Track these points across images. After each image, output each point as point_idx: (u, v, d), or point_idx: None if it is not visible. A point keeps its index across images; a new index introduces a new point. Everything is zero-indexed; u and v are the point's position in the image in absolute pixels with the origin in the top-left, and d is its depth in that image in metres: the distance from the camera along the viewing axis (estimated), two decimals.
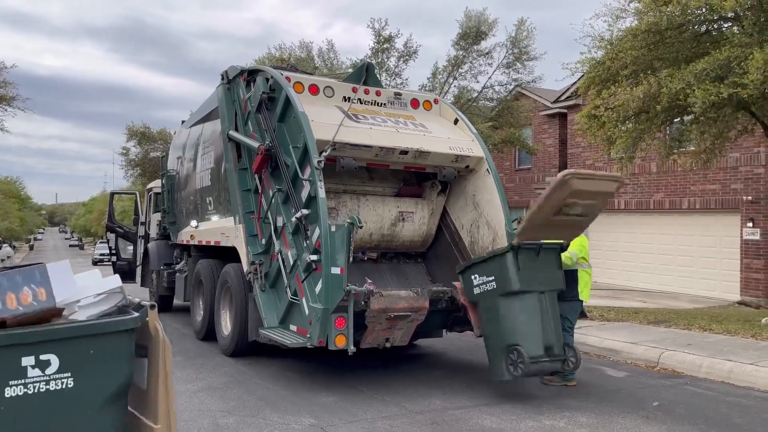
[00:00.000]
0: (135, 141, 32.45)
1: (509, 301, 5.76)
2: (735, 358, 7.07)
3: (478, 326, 6.24)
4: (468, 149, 7.34)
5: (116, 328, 3.05)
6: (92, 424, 3.00)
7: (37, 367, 2.83)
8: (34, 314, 2.87)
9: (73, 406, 2.93)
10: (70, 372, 2.90)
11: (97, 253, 41.10)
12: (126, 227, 14.60)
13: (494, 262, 5.91)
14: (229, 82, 8.09)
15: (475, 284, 6.06)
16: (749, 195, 14.66)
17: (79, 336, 2.94)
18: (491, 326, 5.94)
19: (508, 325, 5.77)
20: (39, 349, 2.83)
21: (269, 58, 20.26)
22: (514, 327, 5.74)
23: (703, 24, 9.60)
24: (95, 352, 2.98)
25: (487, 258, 6.02)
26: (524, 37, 17.96)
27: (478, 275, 6.02)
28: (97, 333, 2.99)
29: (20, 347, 2.80)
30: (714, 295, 15.20)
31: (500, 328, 5.82)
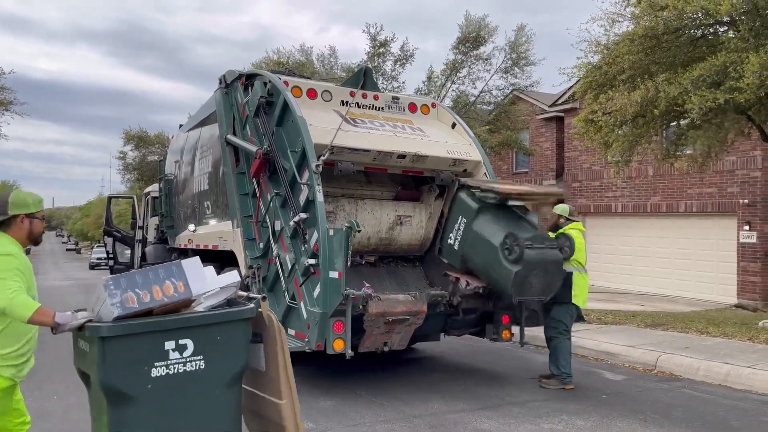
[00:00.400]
0: (132, 145, 32.44)
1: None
2: (732, 361, 7.09)
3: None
4: (465, 153, 7.35)
5: (239, 317, 3.49)
6: (219, 402, 3.40)
7: (176, 350, 3.24)
8: (173, 304, 3.30)
9: (204, 386, 3.33)
10: (202, 355, 3.32)
11: (94, 257, 40.93)
12: (123, 231, 14.58)
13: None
14: (227, 87, 8.11)
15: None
16: (746, 198, 14.70)
17: (210, 323, 3.37)
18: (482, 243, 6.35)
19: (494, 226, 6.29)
20: (178, 334, 3.25)
21: (267, 62, 20.29)
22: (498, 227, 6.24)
23: (699, 28, 9.64)
24: (221, 338, 3.40)
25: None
26: (523, 42, 18.01)
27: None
28: (223, 321, 3.42)
29: (164, 333, 3.22)
30: (711, 298, 15.23)
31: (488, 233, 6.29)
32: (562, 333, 6.58)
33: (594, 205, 18.93)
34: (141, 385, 3.16)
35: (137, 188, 33.19)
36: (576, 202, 19.49)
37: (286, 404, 3.62)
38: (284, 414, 3.62)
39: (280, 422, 3.64)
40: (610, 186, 18.23)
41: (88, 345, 3.21)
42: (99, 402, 3.25)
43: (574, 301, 6.60)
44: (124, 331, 3.13)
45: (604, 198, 18.58)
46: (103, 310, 3.20)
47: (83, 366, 3.36)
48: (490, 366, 7.75)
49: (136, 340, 3.15)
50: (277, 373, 3.62)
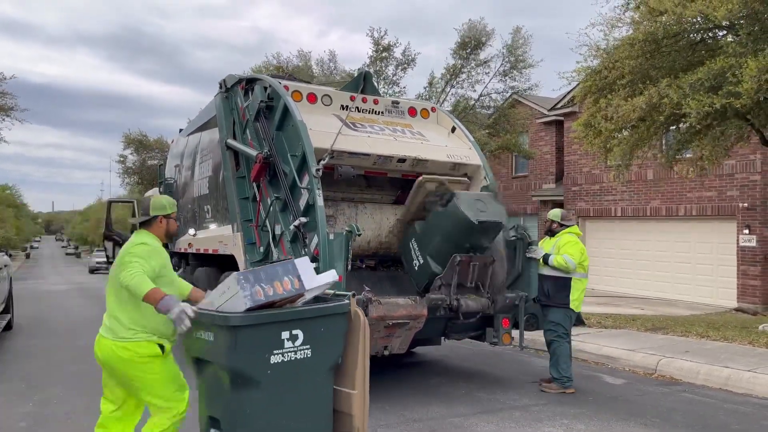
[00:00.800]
0: (132, 149, 32.45)
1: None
2: (733, 365, 7.09)
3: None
4: (465, 157, 7.36)
5: (339, 311, 3.88)
6: (320, 388, 3.80)
7: (290, 339, 3.59)
8: (290, 298, 3.67)
9: (310, 372, 3.70)
10: (309, 345, 3.67)
11: (94, 261, 40.92)
12: (124, 235, 14.56)
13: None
14: (227, 91, 8.12)
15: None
16: (745, 202, 14.73)
17: (317, 316, 3.75)
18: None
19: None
20: (292, 325, 3.61)
21: (267, 66, 20.33)
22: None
23: (697, 33, 9.67)
24: (324, 330, 3.76)
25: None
26: (520, 45, 18.06)
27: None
28: (327, 314, 3.81)
29: (282, 324, 3.59)
30: (711, 301, 15.24)
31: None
32: (562, 336, 6.58)
33: (594, 209, 18.95)
34: (263, 370, 3.51)
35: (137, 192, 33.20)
36: (576, 205, 19.51)
37: (358, 395, 3.91)
38: (354, 404, 3.90)
39: (349, 412, 3.91)
40: (610, 190, 18.25)
41: (212, 334, 3.52)
42: (218, 387, 3.59)
43: (571, 305, 6.61)
44: (254, 321, 3.49)
45: (604, 202, 18.60)
46: (231, 301, 3.54)
47: (203, 354, 3.65)
48: (491, 370, 7.74)
49: (261, 330, 3.52)
50: (354, 365, 3.92)
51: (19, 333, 10.86)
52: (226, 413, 3.58)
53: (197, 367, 3.78)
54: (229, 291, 3.58)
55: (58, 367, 7.87)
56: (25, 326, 11.78)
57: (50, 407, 6.01)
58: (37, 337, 10.47)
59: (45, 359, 8.44)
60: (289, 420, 3.65)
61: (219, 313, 3.53)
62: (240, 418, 3.53)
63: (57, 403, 6.16)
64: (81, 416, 5.70)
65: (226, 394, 3.55)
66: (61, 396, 6.41)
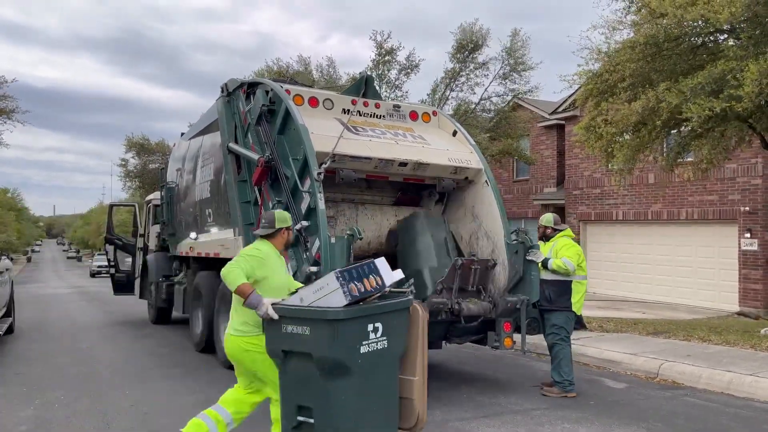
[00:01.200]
0: (134, 152, 32.50)
1: None
2: (734, 369, 7.07)
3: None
4: (467, 161, 7.37)
5: (405, 306, 4.32)
6: (392, 375, 4.19)
7: (373, 332, 3.97)
8: (375, 294, 4.10)
9: (386, 361, 4.09)
10: (386, 336, 4.04)
11: (95, 265, 40.96)
12: (125, 239, 14.59)
13: None
14: (229, 95, 8.13)
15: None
16: (747, 206, 14.72)
17: (392, 311, 4.15)
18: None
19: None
20: (374, 319, 3.99)
21: (268, 71, 20.37)
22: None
23: (699, 36, 9.67)
24: (396, 322, 4.16)
25: None
26: (519, 47, 18.07)
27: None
28: (399, 309, 4.24)
29: (369, 317, 3.97)
30: (713, 305, 15.21)
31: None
32: (564, 339, 6.58)
33: (595, 213, 18.94)
34: (355, 359, 3.86)
35: (138, 196, 33.23)
36: (577, 209, 19.51)
37: (418, 380, 4.34)
38: (415, 389, 4.33)
39: (410, 396, 4.32)
40: (611, 193, 18.24)
41: (308, 328, 3.88)
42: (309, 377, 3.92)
43: (573, 308, 6.63)
44: (353, 314, 3.88)
45: (605, 205, 18.59)
46: (327, 297, 3.92)
47: (294, 346, 3.95)
48: (492, 374, 7.73)
49: (356, 323, 3.89)
50: (414, 355, 4.35)
51: (20, 337, 10.87)
52: (319, 400, 3.89)
53: (283, 360, 4.05)
54: (327, 288, 3.95)
55: (60, 371, 7.87)
56: (26, 330, 11.78)
57: (51, 411, 6.00)
58: (38, 340, 10.47)
59: (46, 363, 8.44)
60: (370, 405, 4.02)
61: (322, 308, 3.88)
62: (333, 405, 3.87)
63: (58, 406, 6.16)
64: (82, 420, 5.69)
65: (319, 383, 3.87)
66: (62, 399, 6.41)
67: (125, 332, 11.41)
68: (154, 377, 7.42)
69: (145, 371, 7.78)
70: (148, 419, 5.68)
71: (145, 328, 11.84)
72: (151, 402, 6.27)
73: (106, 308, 16.38)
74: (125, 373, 7.66)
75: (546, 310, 6.65)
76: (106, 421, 5.65)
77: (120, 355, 8.90)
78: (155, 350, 9.28)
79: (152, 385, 6.97)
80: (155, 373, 7.68)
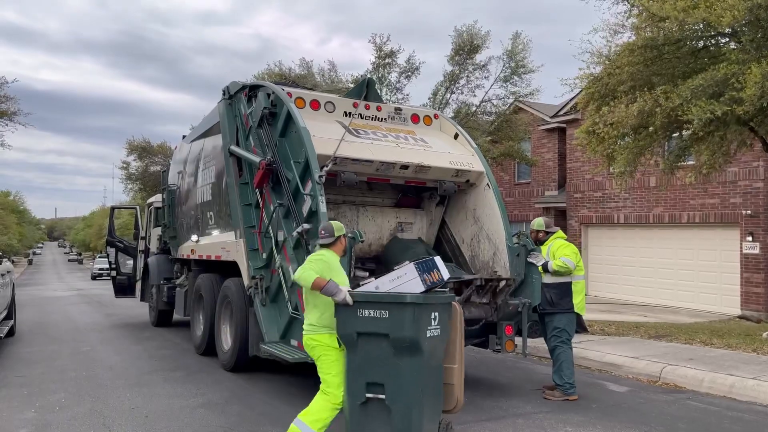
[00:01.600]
0: (135, 155, 32.53)
1: None
2: (737, 373, 7.06)
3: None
4: (468, 164, 7.37)
5: (450, 301, 4.90)
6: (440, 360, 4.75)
7: (433, 319, 4.52)
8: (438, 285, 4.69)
9: (439, 347, 4.68)
10: (439, 325, 4.60)
11: (96, 268, 40.96)
12: (126, 242, 14.60)
13: None
14: (231, 98, 8.14)
15: None
16: (748, 209, 14.70)
17: (443, 303, 4.72)
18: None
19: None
20: (436, 308, 4.57)
21: (269, 74, 20.38)
22: None
23: (700, 40, 9.67)
24: (444, 315, 4.71)
25: None
26: (520, 50, 18.05)
27: None
28: (447, 302, 4.79)
29: (433, 306, 4.54)
30: (714, 309, 15.19)
31: None
32: (566, 342, 6.57)
33: (596, 216, 18.92)
34: (424, 340, 4.41)
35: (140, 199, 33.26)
36: (578, 212, 19.50)
37: (457, 368, 4.94)
38: (455, 375, 4.93)
39: (450, 382, 4.90)
40: (613, 197, 18.23)
41: (387, 312, 4.40)
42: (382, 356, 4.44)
43: (576, 309, 6.62)
44: (428, 301, 4.50)
45: (607, 209, 18.58)
46: (405, 285, 4.63)
47: (369, 328, 4.45)
48: (494, 377, 7.72)
49: (427, 309, 4.48)
50: (454, 345, 4.94)
51: (21, 339, 10.86)
52: (391, 377, 4.41)
53: (354, 342, 4.51)
54: (405, 277, 4.66)
55: (60, 373, 7.86)
56: (27, 332, 11.78)
57: (52, 414, 6.00)
58: (39, 343, 10.47)
59: (47, 365, 8.43)
60: (429, 384, 4.55)
61: (404, 293, 4.50)
62: (404, 380, 4.39)
63: (59, 409, 6.15)
64: (83, 423, 5.68)
65: (392, 361, 4.41)
66: (63, 402, 6.40)
67: (126, 335, 11.40)
68: (155, 380, 7.41)
69: (146, 374, 7.77)
70: (148, 422, 5.67)
71: (146, 331, 11.83)
72: (152, 405, 6.26)
73: (106, 311, 16.38)
74: (126, 376, 7.65)
75: (548, 313, 6.64)
76: (106, 424, 5.64)
77: (121, 358, 8.89)
78: (156, 353, 9.28)
79: (153, 389, 6.96)
80: (156, 376, 7.67)
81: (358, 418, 4.51)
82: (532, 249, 6.71)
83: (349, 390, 4.56)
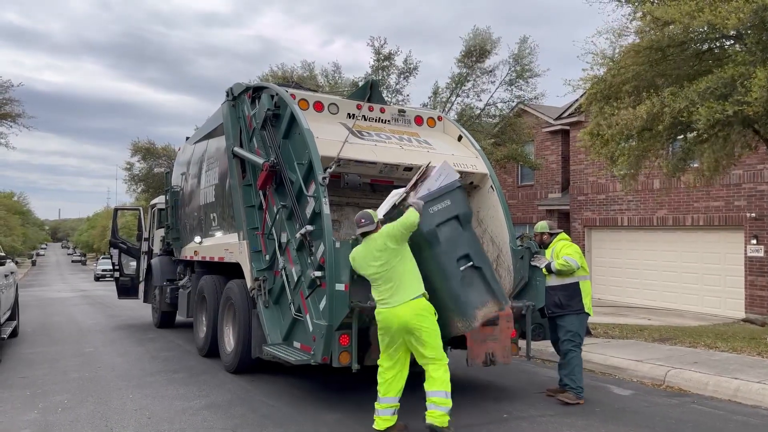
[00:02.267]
0: (140, 156, 32.58)
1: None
2: (742, 377, 7.02)
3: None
4: (472, 166, 7.35)
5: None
6: None
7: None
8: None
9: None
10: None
11: (99, 269, 41.02)
12: (129, 243, 14.61)
13: None
14: (234, 99, 8.14)
15: None
16: (753, 212, 14.64)
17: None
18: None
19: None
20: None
21: (272, 76, 20.40)
22: None
23: (705, 42, 9.64)
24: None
25: None
26: (527, 54, 18.05)
27: None
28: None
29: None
30: (719, 312, 15.13)
31: None
32: (579, 345, 6.56)
33: (600, 219, 18.88)
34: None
35: (143, 200, 33.29)
36: (582, 215, 19.45)
37: None
38: None
39: None
40: (616, 199, 18.19)
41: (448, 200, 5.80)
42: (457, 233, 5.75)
43: (585, 309, 6.60)
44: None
45: (610, 211, 18.53)
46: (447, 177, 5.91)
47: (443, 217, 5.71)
48: (497, 380, 7.69)
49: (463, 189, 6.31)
50: None
51: (24, 340, 10.87)
52: (472, 245, 5.82)
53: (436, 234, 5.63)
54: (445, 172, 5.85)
55: (63, 374, 7.86)
56: (30, 333, 11.79)
57: (55, 415, 5.99)
58: (42, 344, 10.47)
59: (50, 366, 8.43)
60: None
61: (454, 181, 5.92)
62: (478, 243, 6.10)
63: (62, 410, 6.14)
64: (86, 424, 5.68)
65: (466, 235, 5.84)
66: (66, 404, 6.39)
67: (129, 336, 11.40)
68: (158, 382, 7.40)
69: (148, 375, 7.77)
70: (151, 424, 5.66)
71: (149, 332, 11.83)
72: (155, 407, 6.25)
73: (109, 312, 16.39)
74: (129, 377, 7.65)
75: (558, 315, 6.61)
76: (109, 425, 5.63)
77: (124, 359, 8.89)
78: (159, 354, 9.27)
79: (156, 390, 6.95)
80: (159, 377, 7.66)
81: (463, 291, 5.50)
82: (536, 252, 6.69)
83: (448, 274, 5.51)
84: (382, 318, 5.21)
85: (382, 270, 5.19)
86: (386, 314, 5.16)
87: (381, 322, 5.23)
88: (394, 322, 5.10)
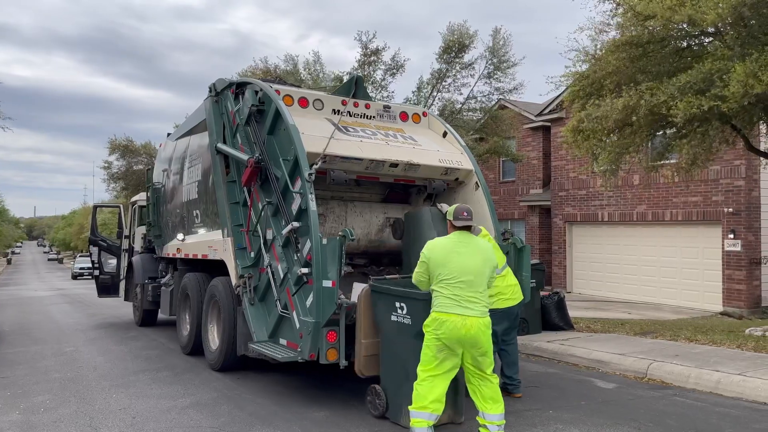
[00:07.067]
0: (118, 154, 32.12)
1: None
2: (722, 369, 7.13)
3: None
4: (457, 162, 7.37)
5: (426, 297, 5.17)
6: (412, 345, 5.19)
7: (399, 309, 5.36)
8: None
9: (407, 334, 5.29)
10: (410, 315, 5.27)
11: (77, 267, 40.45)
12: (109, 241, 14.42)
13: None
14: (217, 95, 8.06)
15: None
16: (730, 207, 14.89)
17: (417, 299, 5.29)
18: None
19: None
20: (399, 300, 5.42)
21: (254, 71, 20.23)
22: None
23: (684, 39, 9.76)
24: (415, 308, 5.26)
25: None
26: (501, 45, 18.09)
27: None
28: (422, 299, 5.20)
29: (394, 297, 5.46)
30: (697, 305, 15.37)
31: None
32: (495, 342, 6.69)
33: (581, 214, 19.06)
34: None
35: (123, 198, 32.85)
36: (563, 210, 19.61)
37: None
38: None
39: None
40: (597, 195, 18.37)
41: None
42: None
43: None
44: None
45: (591, 207, 18.72)
46: None
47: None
48: None
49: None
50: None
51: (3, 340, 10.68)
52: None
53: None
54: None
55: (44, 374, 7.74)
56: (9, 333, 11.59)
57: (37, 415, 5.90)
58: (21, 344, 10.30)
59: (30, 366, 8.30)
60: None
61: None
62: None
63: (44, 411, 6.05)
64: (69, 424, 5.59)
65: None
66: (48, 404, 6.30)
67: (110, 335, 11.26)
68: (141, 381, 7.32)
69: (132, 374, 7.68)
70: (137, 423, 5.60)
71: (130, 331, 11.70)
72: (140, 406, 6.18)
73: (89, 311, 16.17)
74: (112, 377, 7.55)
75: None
76: (93, 425, 5.56)
77: (105, 359, 8.78)
78: (142, 353, 9.17)
79: (140, 389, 6.87)
80: (143, 376, 7.58)
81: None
82: (522, 247, 6.72)
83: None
84: (450, 324, 4.77)
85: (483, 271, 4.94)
86: (457, 322, 4.76)
87: (446, 328, 4.78)
88: (463, 333, 4.75)
